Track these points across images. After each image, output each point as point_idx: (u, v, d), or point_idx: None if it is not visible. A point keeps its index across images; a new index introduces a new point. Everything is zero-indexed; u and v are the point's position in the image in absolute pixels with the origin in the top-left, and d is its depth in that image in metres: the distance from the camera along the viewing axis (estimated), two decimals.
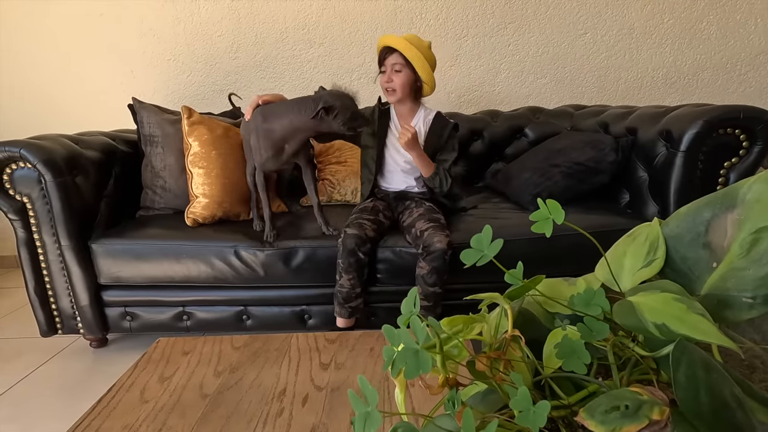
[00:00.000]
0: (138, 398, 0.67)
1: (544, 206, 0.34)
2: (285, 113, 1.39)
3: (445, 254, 1.34)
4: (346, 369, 0.73)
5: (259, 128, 1.42)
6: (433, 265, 1.35)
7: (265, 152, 1.44)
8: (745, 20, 2.25)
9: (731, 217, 0.37)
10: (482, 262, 0.35)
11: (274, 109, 1.41)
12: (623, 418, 0.25)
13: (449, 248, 1.35)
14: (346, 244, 1.37)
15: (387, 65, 1.52)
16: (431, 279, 1.37)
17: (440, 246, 1.34)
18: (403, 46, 1.48)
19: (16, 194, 1.43)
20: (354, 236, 1.37)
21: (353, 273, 1.39)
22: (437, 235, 1.36)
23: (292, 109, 1.39)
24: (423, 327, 0.29)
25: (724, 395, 0.31)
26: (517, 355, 0.35)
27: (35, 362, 1.57)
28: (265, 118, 1.41)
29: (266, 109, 1.43)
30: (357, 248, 1.37)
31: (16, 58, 2.30)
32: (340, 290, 1.41)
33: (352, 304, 1.42)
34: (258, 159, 1.47)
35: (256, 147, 1.46)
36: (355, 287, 1.40)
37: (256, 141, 1.45)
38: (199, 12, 2.24)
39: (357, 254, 1.38)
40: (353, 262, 1.37)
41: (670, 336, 0.32)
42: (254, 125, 1.44)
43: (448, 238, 1.36)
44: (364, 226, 1.42)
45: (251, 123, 1.45)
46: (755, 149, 1.39)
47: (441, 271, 1.36)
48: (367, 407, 0.28)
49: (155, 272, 1.50)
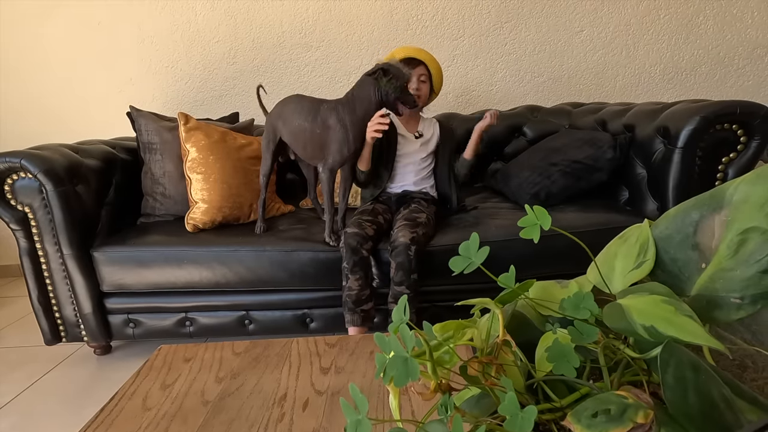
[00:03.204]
0: (140, 406, 0.68)
1: (531, 212, 0.35)
2: (359, 97, 1.40)
3: (408, 249, 1.34)
4: (346, 373, 0.74)
5: (346, 120, 1.41)
6: (397, 261, 1.35)
7: (354, 143, 1.43)
8: (741, 14, 2.25)
9: (719, 218, 0.38)
10: (470, 269, 0.35)
11: (347, 101, 1.42)
12: (608, 422, 0.25)
13: (413, 243, 1.34)
14: (348, 243, 1.37)
15: (414, 75, 1.59)
16: (397, 276, 1.36)
17: (403, 240, 1.34)
18: (430, 61, 1.61)
19: (17, 204, 1.45)
20: (354, 234, 1.38)
21: (360, 273, 1.37)
22: (402, 230, 1.37)
23: (361, 90, 1.41)
24: (412, 335, 0.29)
25: (712, 396, 0.31)
26: (509, 359, 0.36)
27: (40, 371, 1.58)
28: (350, 109, 1.41)
29: (340, 103, 1.43)
30: (359, 246, 1.37)
31: (15, 68, 2.31)
32: (348, 294, 1.38)
33: (364, 307, 1.38)
34: (345, 153, 1.43)
35: (342, 141, 1.42)
36: (363, 288, 1.38)
37: (345, 135, 1.42)
38: (196, 19, 2.25)
39: (360, 252, 1.37)
40: (358, 261, 1.37)
41: (658, 338, 0.33)
42: (337, 119, 1.42)
43: (414, 234, 1.36)
44: (363, 225, 1.43)
45: (329, 119, 1.42)
46: (753, 144, 1.39)
47: (405, 267, 1.34)
48: (358, 415, 0.28)
49: (157, 279, 1.51)
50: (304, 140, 1.48)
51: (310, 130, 1.46)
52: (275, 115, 1.57)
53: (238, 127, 1.86)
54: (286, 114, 1.52)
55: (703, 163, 1.42)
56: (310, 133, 1.46)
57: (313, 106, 1.47)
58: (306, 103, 1.49)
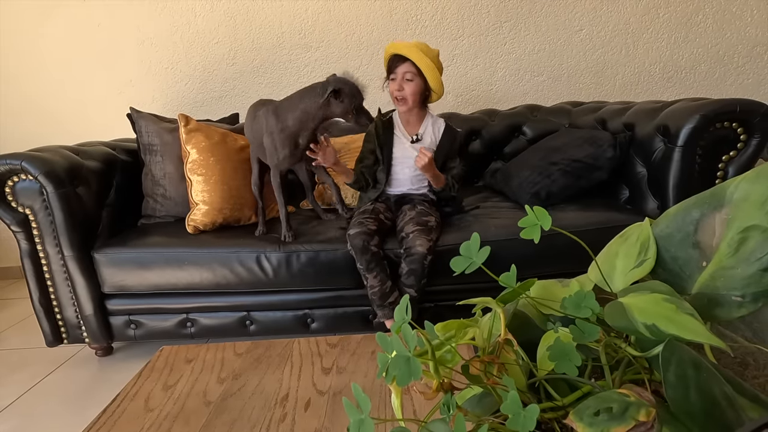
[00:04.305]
0: (143, 407, 0.68)
1: (531, 212, 0.35)
2: (295, 104, 1.39)
3: (425, 259, 1.36)
4: (347, 373, 0.74)
5: (273, 126, 1.42)
6: (411, 267, 1.37)
7: (281, 149, 1.43)
8: (741, 12, 2.25)
9: (719, 216, 0.38)
10: (471, 269, 0.35)
11: (284, 105, 1.42)
12: (610, 420, 0.25)
13: (429, 253, 1.36)
14: (354, 244, 1.38)
15: (398, 74, 1.51)
16: (408, 280, 1.38)
17: (420, 250, 1.35)
18: (416, 56, 1.46)
19: (18, 206, 1.45)
20: (358, 234, 1.38)
21: (376, 269, 1.38)
22: (419, 239, 1.37)
23: (301, 98, 1.38)
24: (414, 335, 0.29)
25: (714, 393, 0.31)
26: (511, 358, 0.36)
27: (42, 372, 1.58)
28: (278, 115, 1.41)
29: (277, 107, 1.43)
30: (366, 243, 1.37)
31: (15, 70, 2.32)
32: (372, 292, 1.39)
33: (390, 299, 1.40)
34: (274, 159, 1.46)
35: (271, 147, 1.44)
36: (384, 282, 1.39)
37: (271, 141, 1.43)
38: (196, 20, 2.25)
39: (369, 249, 1.38)
40: (370, 259, 1.38)
41: (660, 336, 0.33)
42: (267, 125, 1.43)
43: (430, 242, 1.38)
44: (364, 223, 1.43)
45: (264, 124, 1.44)
46: (753, 142, 1.39)
47: (418, 274, 1.37)
48: (360, 414, 0.28)
49: (158, 280, 1.51)
50: (257, 142, 1.52)
51: (257, 131, 1.49)
52: (246, 122, 1.61)
53: (239, 128, 1.86)
54: (249, 118, 1.58)
55: (703, 161, 1.42)
56: (257, 134, 1.50)
57: (257, 108, 1.51)
58: (254, 107, 1.55)
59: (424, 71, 1.48)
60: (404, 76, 1.50)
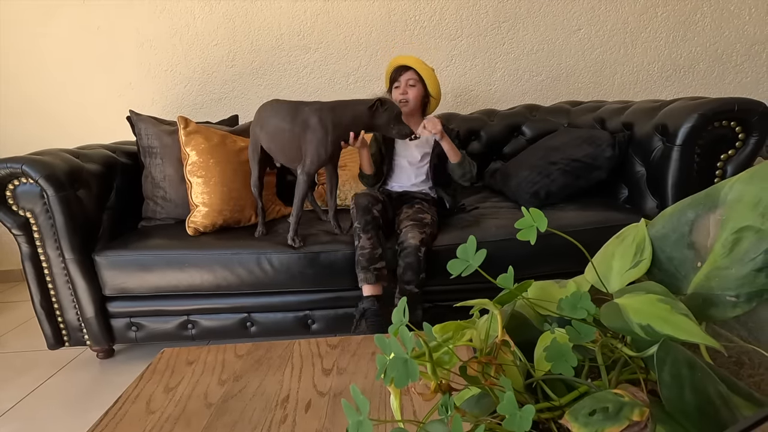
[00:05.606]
0: (144, 409, 0.69)
1: (527, 214, 0.35)
2: (345, 107, 1.45)
3: (418, 251, 1.38)
4: (348, 374, 0.74)
5: (326, 121, 1.43)
6: (406, 261, 1.38)
7: (331, 145, 1.46)
8: (739, 10, 2.25)
9: (714, 217, 0.38)
10: (467, 272, 0.36)
11: (334, 107, 1.45)
12: (605, 420, 0.26)
13: (422, 245, 1.38)
14: (359, 202, 1.44)
15: (402, 81, 1.67)
16: (406, 276, 1.39)
17: (413, 242, 1.38)
18: (418, 65, 1.66)
19: (19, 210, 1.45)
20: (365, 195, 1.47)
21: (372, 231, 1.41)
22: (411, 232, 1.40)
23: (348, 104, 1.46)
24: (411, 336, 0.29)
25: (708, 393, 0.31)
26: (508, 359, 0.36)
27: (43, 375, 1.59)
28: (333, 111, 1.44)
29: (329, 108, 1.45)
30: (370, 205, 1.44)
31: (14, 72, 2.32)
32: (361, 253, 1.41)
33: (377, 265, 1.40)
34: (319, 155, 1.46)
35: (319, 141, 1.44)
36: (375, 247, 1.41)
37: (318, 139, 1.43)
38: (195, 22, 2.26)
39: (371, 211, 1.43)
40: (370, 220, 1.42)
41: (655, 336, 0.33)
42: (319, 120, 1.43)
43: (423, 235, 1.40)
44: (372, 194, 1.51)
45: (312, 120, 1.44)
46: (751, 141, 1.40)
47: (415, 268, 1.38)
48: (359, 416, 0.29)
49: (159, 282, 1.51)
50: (282, 142, 1.50)
51: (289, 131, 1.47)
52: (255, 122, 1.59)
53: (238, 130, 1.86)
54: (263, 118, 1.54)
55: (701, 160, 1.43)
56: (289, 134, 1.47)
57: (292, 107, 1.49)
58: (284, 105, 1.52)
59: (425, 77, 1.66)
60: (408, 82, 1.67)
